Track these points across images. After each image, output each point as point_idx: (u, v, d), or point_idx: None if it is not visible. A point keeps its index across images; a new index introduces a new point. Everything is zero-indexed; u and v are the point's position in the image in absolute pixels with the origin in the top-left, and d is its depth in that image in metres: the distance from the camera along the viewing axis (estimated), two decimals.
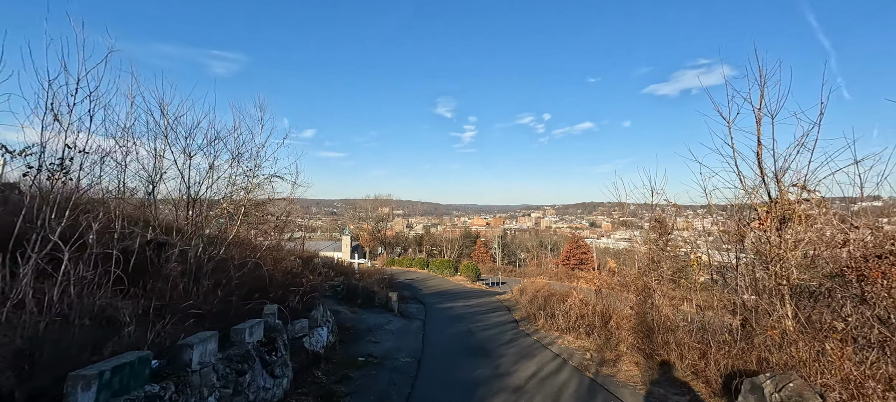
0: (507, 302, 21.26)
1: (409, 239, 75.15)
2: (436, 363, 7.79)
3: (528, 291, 21.20)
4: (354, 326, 10.94)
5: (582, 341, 10.52)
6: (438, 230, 78.01)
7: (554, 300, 14.27)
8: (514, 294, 23.62)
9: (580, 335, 10.96)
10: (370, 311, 13.56)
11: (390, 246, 68.83)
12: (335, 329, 9.12)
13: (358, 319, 11.97)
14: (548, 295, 16.12)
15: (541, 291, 19.08)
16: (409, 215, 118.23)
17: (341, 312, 12.53)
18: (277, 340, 5.33)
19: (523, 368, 7.70)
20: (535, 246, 66.90)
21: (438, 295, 23.43)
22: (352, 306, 13.63)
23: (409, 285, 29.20)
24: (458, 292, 25.87)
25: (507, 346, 9.94)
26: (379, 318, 12.51)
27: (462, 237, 70.73)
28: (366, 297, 14.53)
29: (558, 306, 13.00)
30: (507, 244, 72.16)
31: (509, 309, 18.89)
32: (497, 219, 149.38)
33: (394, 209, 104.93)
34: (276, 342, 5.11)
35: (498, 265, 55.42)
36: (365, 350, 8.38)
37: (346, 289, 15.41)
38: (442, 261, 38.75)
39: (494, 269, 50.07)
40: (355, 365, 7.03)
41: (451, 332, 11.72)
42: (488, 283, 35.86)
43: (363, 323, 11.51)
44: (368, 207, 71.57)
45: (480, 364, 7.80)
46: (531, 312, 15.91)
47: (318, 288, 8.90)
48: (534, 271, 49.96)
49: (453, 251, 61.20)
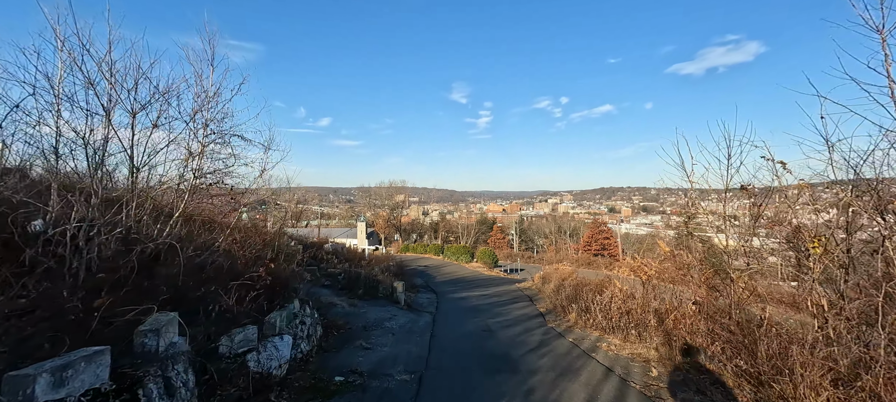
0: (529, 291, 18.89)
1: (425, 226, 73.24)
2: (443, 384, 5.50)
3: (551, 279, 18.76)
4: (348, 323, 8.79)
5: (633, 345, 8.07)
6: (454, 217, 75.81)
7: (587, 291, 11.81)
8: (536, 282, 21.22)
9: (628, 336, 8.52)
10: (372, 303, 11.41)
11: (406, 233, 67.12)
12: (314, 333, 6.94)
13: (355, 313, 9.83)
14: (577, 284, 13.65)
15: (567, 279, 16.60)
16: (425, 202, 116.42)
17: (337, 305, 10.43)
18: (167, 367, 3.13)
19: (569, 395, 5.33)
20: (554, 231, 63.94)
21: (453, 283, 21.23)
22: (351, 298, 11.51)
23: (423, 272, 27.12)
24: (474, 279, 23.62)
25: (539, 353, 7.58)
26: (381, 312, 10.34)
27: (478, 223, 68.35)
28: (369, 286, 12.39)
29: (593, 298, 10.56)
30: (524, 230, 69.40)
31: (531, 300, 16.52)
32: (513, 205, 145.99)
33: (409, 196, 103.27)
34: (144, 380, 2.90)
35: (515, 251, 52.92)
36: (349, 362, 6.17)
37: (346, 277, 13.32)
38: (457, 247, 36.54)
39: (512, 255, 47.62)
40: (325, 392, 4.80)
41: (465, 330, 9.44)
42: (506, 270, 33.52)
43: (360, 319, 9.36)
44: (383, 194, 69.84)
45: (506, 388, 5.47)
46: (558, 303, 13.51)
47: (286, 280, 6.70)
48: (553, 258, 47.27)
49: (469, 238, 58.94)
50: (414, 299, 14.08)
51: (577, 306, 11.13)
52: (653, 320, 8.25)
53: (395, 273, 18.75)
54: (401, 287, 11.75)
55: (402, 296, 11.78)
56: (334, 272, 14.03)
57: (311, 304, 7.63)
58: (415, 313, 11.06)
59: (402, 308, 11.27)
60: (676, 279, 9.14)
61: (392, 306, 11.24)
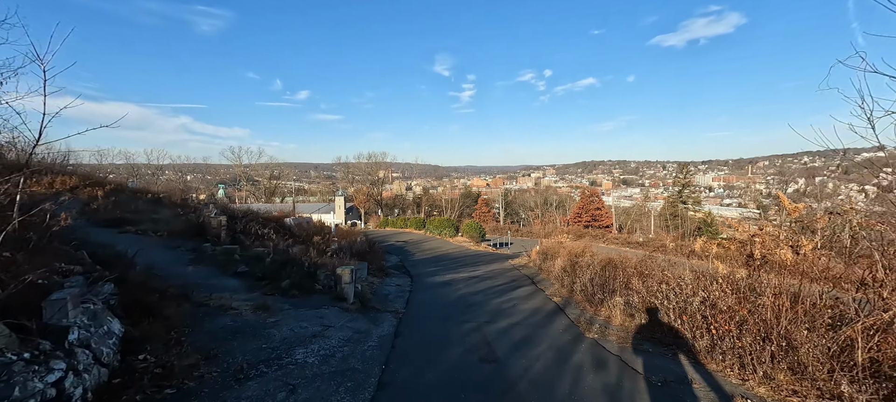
0: (527, 270, 14.79)
1: (408, 200, 68.60)
2: None
3: (554, 255, 14.64)
4: (217, 354, 4.32)
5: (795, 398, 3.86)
6: (438, 191, 71.23)
7: (629, 275, 7.66)
8: (534, 259, 17.12)
9: (773, 374, 4.28)
10: (301, 302, 6.96)
11: (389, 208, 62.38)
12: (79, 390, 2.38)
13: (255, 328, 5.36)
14: (606, 265, 9.50)
15: (583, 257, 12.50)
16: (409, 177, 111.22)
17: (237, 309, 5.94)
18: None
19: None
20: (540, 204, 60.32)
21: (434, 262, 16.95)
22: (270, 294, 7.03)
23: (401, 248, 22.74)
24: (459, 256, 19.41)
25: None
26: (305, 322, 5.90)
27: (462, 197, 64.14)
28: (302, 275, 7.87)
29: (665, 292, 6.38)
30: (509, 203, 65.61)
31: (534, 282, 12.40)
32: (497, 179, 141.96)
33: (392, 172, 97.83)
34: None
35: (501, 225, 49.11)
36: None
37: (274, 261, 8.76)
38: (440, 220, 32.21)
39: (498, 228, 43.74)
40: None
41: (451, 358, 5.10)
42: (494, 244, 29.52)
43: (256, 340, 4.90)
44: (363, 168, 64.45)
45: None
46: (578, 291, 9.39)
47: None
48: (541, 231, 43.64)
49: (453, 211, 54.74)
50: (376, 290, 9.67)
51: (623, 301, 6.92)
52: (818, 340, 4.04)
53: (359, 252, 14.25)
54: (348, 276, 7.26)
55: (350, 289, 7.31)
56: (262, 253, 9.44)
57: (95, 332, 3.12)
58: (367, 319, 6.65)
59: (347, 310, 6.83)
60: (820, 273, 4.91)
61: (332, 308, 6.79)
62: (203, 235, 11.15)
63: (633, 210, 54.66)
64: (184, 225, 11.72)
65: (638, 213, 53.83)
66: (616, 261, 10.04)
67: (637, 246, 29.81)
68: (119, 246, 9.32)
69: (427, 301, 8.85)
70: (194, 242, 10.65)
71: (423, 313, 7.64)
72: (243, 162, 62.98)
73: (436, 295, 9.68)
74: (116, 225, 11.34)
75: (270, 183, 64.35)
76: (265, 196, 62.54)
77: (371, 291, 9.43)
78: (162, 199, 14.35)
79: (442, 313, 7.70)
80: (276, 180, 65.04)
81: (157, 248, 9.78)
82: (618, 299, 6.90)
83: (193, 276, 7.90)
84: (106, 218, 11.78)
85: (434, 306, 8.37)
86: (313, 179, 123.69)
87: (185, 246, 10.19)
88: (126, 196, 14.86)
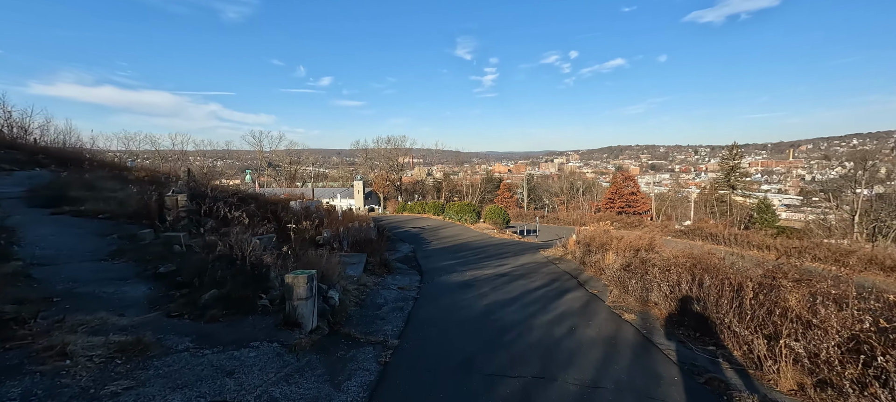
0: (566, 265, 11.52)
1: (428, 186, 65.75)
2: None
3: (602, 247, 11.30)
4: None
5: None
6: (458, 177, 67.93)
7: (783, 294, 4.38)
8: (571, 249, 13.79)
9: None
10: (223, 330, 4.09)
11: (408, 193, 59.80)
12: None
13: (86, 399, 2.45)
14: (706, 268, 6.23)
15: (654, 254, 9.23)
16: (429, 163, 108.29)
17: (72, 355, 3.10)
18: None
19: None
20: (566, 189, 56.04)
21: (452, 253, 13.93)
22: (177, 315, 4.18)
23: (416, 235, 19.85)
24: (483, 246, 16.31)
25: None
26: (196, 385, 2.96)
27: (484, 182, 60.70)
28: (245, 281, 4.97)
29: None
30: (533, 189, 61.60)
31: (578, 281, 9.19)
32: (519, 165, 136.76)
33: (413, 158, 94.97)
34: None
35: (525, 211, 45.54)
36: None
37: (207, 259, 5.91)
38: (461, 205, 29.08)
39: (522, 215, 40.27)
40: None
41: None
42: (519, 231, 26.27)
43: None
44: (382, 153, 61.83)
45: None
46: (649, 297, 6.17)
47: None
48: (567, 217, 39.83)
49: (474, 196, 51.52)
50: (366, 296, 6.71)
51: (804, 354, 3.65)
52: None
53: (360, 242, 11.39)
54: (304, 288, 4.28)
55: (308, 307, 4.34)
56: (211, 244, 6.61)
57: None
58: (325, 369, 3.69)
59: (294, 348, 3.88)
60: None
61: (267, 345, 3.86)
62: (156, 217, 8.53)
63: (668, 196, 49.67)
64: (138, 206, 9.16)
65: (673, 199, 48.85)
66: (708, 262, 6.70)
67: (694, 236, 25.77)
68: (24, 230, 6.81)
69: (438, 319, 5.83)
70: (139, 226, 8.05)
71: (429, 348, 4.62)
72: (264, 147, 61.79)
73: (452, 306, 6.65)
74: (53, 204, 8.91)
75: (291, 168, 63.03)
76: (286, 181, 61.29)
77: (358, 298, 6.49)
78: (129, 177, 11.92)
79: (460, 346, 4.67)
80: (297, 165, 63.63)
81: (81, 233, 7.23)
82: (796, 347, 3.59)
83: (91, 276, 5.22)
84: (47, 196, 9.39)
85: (448, 330, 5.33)
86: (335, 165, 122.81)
87: (121, 232, 7.60)
88: (96, 174, 12.59)
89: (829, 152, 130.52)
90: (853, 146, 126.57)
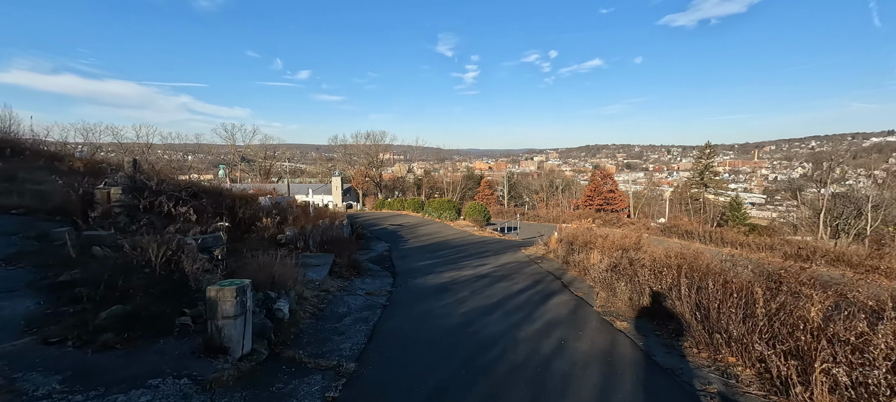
0: (549, 265, 10.90)
1: (409, 182, 64.56)
2: None
3: (586, 245, 10.74)
4: None
5: None
6: (439, 173, 67.04)
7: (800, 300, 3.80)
8: (553, 247, 13.23)
9: None
10: (121, 361, 3.16)
11: (389, 190, 58.41)
12: None
13: None
14: (702, 271, 5.64)
15: (642, 253, 8.72)
16: (410, 159, 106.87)
17: None
18: None
19: None
20: (545, 187, 56.16)
21: (430, 252, 13.08)
22: (63, 341, 3.14)
23: (394, 233, 18.89)
24: (462, 244, 15.54)
25: None
26: None
27: (464, 179, 60.12)
28: (162, 294, 3.96)
29: None
30: (513, 186, 61.49)
31: (562, 282, 8.55)
32: (499, 163, 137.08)
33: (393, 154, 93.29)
34: None
35: (506, 208, 45.19)
36: None
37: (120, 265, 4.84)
38: (441, 201, 28.26)
39: (503, 212, 39.86)
40: None
41: None
42: (500, 229, 25.72)
43: None
44: (361, 149, 60.12)
45: None
46: (639, 300, 5.58)
47: None
48: (547, 214, 39.73)
49: (455, 194, 50.82)
50: (326, 306, 5.78)
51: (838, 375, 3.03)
52: None
53: (327, 241, 10.38)
54: (232, 304, 3.35)
55: (237, 327, 3.42)
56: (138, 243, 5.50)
57: None
58: None
59: (212, 386, 2.93)
60: None
61: (175, 381, 2.89)
62: (80, 214, 7.28)
63: (644, 194, 50.53)
64: (62, 200, 7.84)
65: (648, 197, 49.73)
66: (701, 262, 6.15)
67: (671, 234, 25.88)
68: None
69: (407, 333, 4.98)
70: (56, 224, 6.80)
71: (392, 373, 3.76)
72: (238, 141, 58.95)
73: (425, 316, 5.80)
74: None
75: (266, 163, 60.44)
76: (261, 176, 58.71)
77: (316, 308, 5.56)
78: (61, 167, 10.41)
79: (431, 370, 3.84)
80: (272, 160, 61.05)
81: None
82: (838, 374, 2.96)
83: None
84: None
85: (418, 348, 4.49)
86: (313, 160, 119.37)
87: (32, 230, 6.35)
88: (23, 164, 10.99)
89: (790, 154, 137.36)
90: (812, 148, 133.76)
